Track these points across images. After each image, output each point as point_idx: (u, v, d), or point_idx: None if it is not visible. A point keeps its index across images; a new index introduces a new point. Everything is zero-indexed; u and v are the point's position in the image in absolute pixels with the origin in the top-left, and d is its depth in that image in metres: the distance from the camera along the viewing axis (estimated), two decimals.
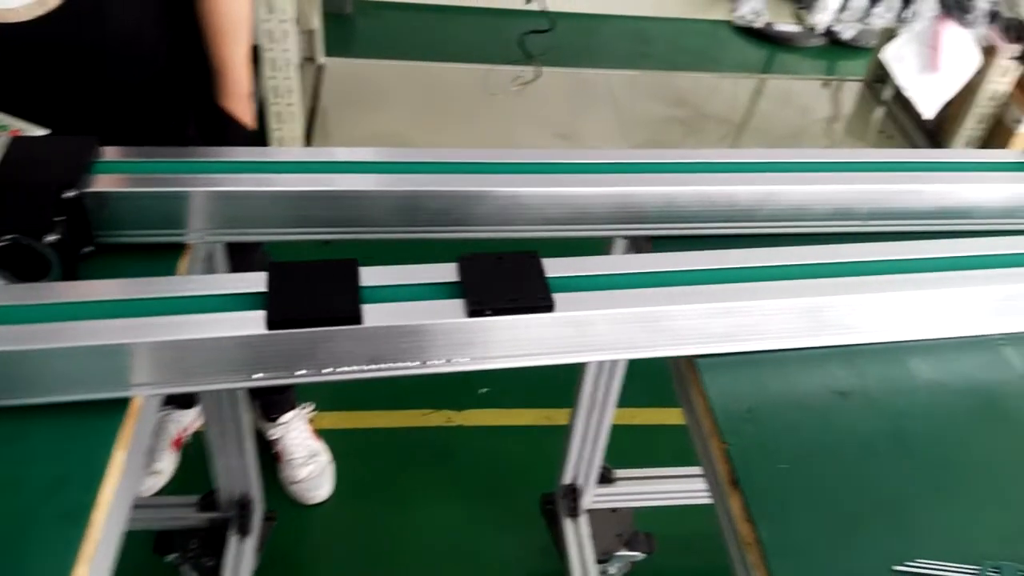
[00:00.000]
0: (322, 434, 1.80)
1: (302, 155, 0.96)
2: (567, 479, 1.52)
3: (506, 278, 0.78)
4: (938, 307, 0.87)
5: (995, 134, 2.58)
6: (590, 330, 0.80)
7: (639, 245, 1.01)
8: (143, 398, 0.77)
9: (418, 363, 0.77)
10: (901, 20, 2.08)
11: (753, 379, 0.85)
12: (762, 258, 0.86)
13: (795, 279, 0.85)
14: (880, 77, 2.84)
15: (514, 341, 0.79)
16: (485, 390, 1.90)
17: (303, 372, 0.76)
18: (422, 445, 1.86)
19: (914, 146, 2.71)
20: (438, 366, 0.78)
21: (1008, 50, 2.10)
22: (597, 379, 1.33)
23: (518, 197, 0.94)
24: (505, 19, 1.73)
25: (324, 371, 0.76)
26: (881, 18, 1.98)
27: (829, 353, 0.88)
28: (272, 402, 1.70)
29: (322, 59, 2.58)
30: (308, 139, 2.18)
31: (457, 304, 0.76)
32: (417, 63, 2.62)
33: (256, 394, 1.65)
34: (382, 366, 0.77)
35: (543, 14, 1.72)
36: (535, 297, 0.77)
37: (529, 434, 1.88)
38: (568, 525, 1.51)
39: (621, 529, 1.53)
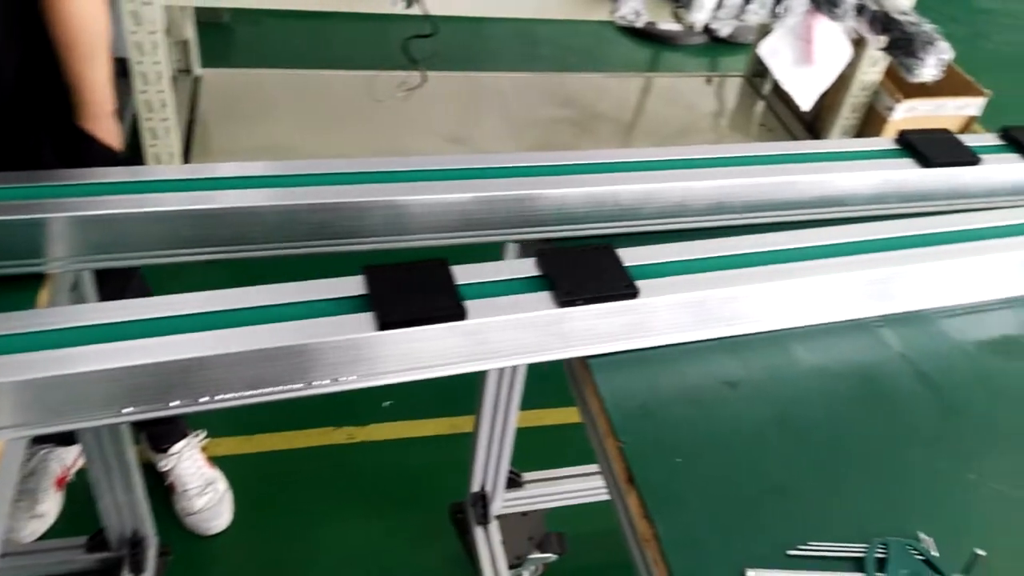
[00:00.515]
0: (218, 461, 1.73)
1: (177, 172, 0.91)
2: (475, 487, 1.50)
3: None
4: (817, 294, 0.90)
5: (869, 122, 2.71)
6: (486, 338, 0.79)
7: (529, 250, 1.01)
8: (3, 442, 0.71)
9: (302, 385, 0.74)
10: (775, 15, 2.14)
11: (646, 376, 0.86)
12: (647, 256, 0.87)
13: (679, 275, 0.85)
14: (759, 72, 2.94)
15: (411, 354, 0.77)
16: (388, 403, 1.87)
17: (177, 403, 0.72)
18: (325, 465, 1.80)
19: (794, 137, 2.82)
20: (325, 386, 0.75)
21: (876, 41, 2.20)
22: (499, 384, 1.32)
23: (407, 206, 0.92)
24: (387, 24, 1.70)
25: (201, 400, 0.72)
26: (756, 14, 2.04)
27: (716, 345, 0.89)
28: (160, 432, 1.63)
29: (198, 70, 2.48)
30: (186, 155, 2.10)
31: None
32: (300, 71, 2.55)
33: (142, 425, 1.57)
34: (264, 390, 0.73)
35: (425, 18, 1.70)
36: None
37: (436, 444, 1.85)
38: (479, 533, 1.50)
39: (532, 532, 1.53)
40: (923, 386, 0.89)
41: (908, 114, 2.60)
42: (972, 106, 2.67)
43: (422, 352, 0.77)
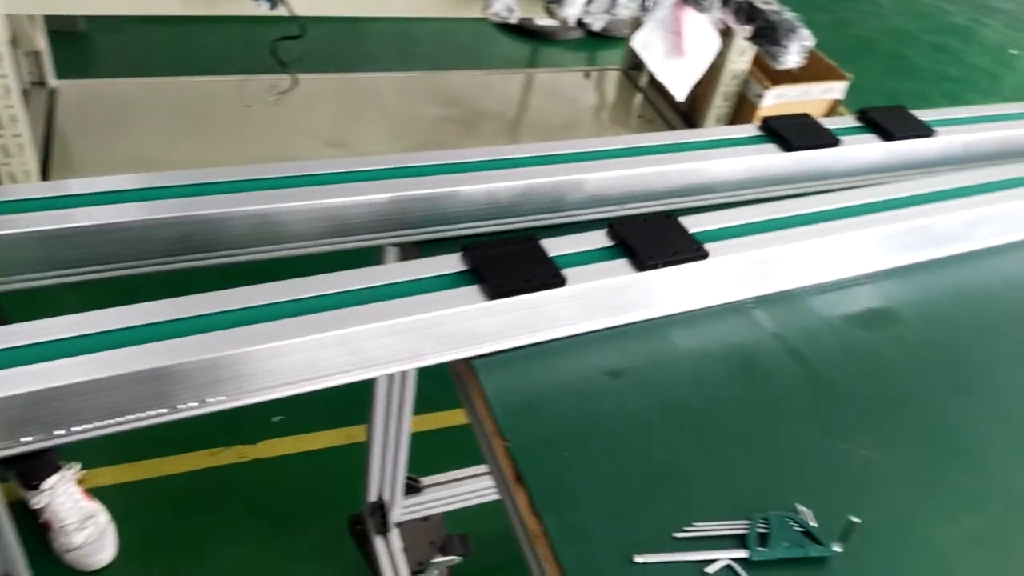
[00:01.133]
0: (98, 492, 1.63)
1: (28, 191, 0.85)
2: (372, 496, 1.47)
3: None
4: (693, 279, 0.92)
5: (741, 110, 2.80)
6: (359, 347, 0.77)
7: (408, 252, 0.99)
8: None
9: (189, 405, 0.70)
10: (644, 9, 2.18)
11: (530, 373, 0.86)
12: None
13: (570, 267, 0.85)
14: (636, 65, 3.00)
15: (279, 370, 0.74)
16: (278, 418, 1.81)
17: (30, 438, 0.67)
18: (216, 487, 1.73)
19: (671, 128, 2.89)
20: (188, 410, 0.71)
21: (742, 31, 2.28)
22: (389, 391, 1.30)
23: (273, 214, 0.89)
24: (252, 27, 1.64)
25: (57, 432, 0.68)
26: (626, 8, 2.08)
27: (599, 336, 0.90)
28: (30, 468, 1.53)
29: (54, 82, 2.33)
30: (45, 172, 1.97)
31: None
32: (164, 79, 2.43)
33: (10, 462, 1.47)
34: (127, 417, 0.69)
35: (292, 19, 1.65)
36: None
37: (331, 456, 1.81)
38: (378, 542, 1.47)
39: (434, 536, 1.51)
40: (795, 362, 0.92)
41: (777, 100, 2.70)
42: (836, 90, 2.80)
43: (294, 366, 0.74)
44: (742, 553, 0.73)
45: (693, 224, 0.93)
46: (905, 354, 0.96)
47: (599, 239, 0.90)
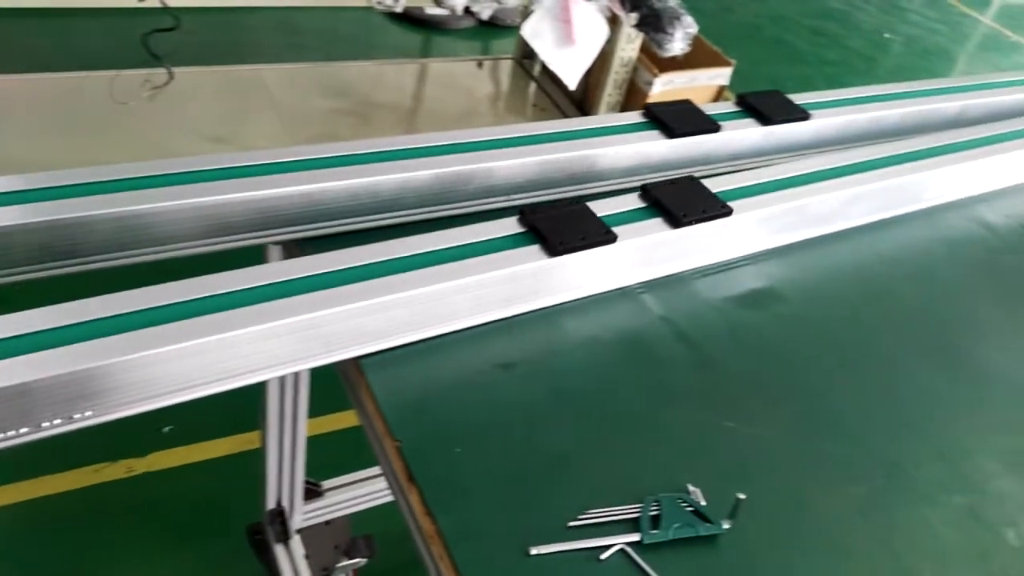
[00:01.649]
0: None
1: None
2: (271, 503, 1.43)
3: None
4: (584, 267, 0.92)
5: (632, 97, 2.85)
6: (238, 351, 0.74)
7: (290, 250, 0.96)
8: None
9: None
10: None
11: (421, 369, 0.84)
12: (409, 247, 0.85)
13: (444, 263, 0.84)
14: (528, 54, 3.01)
15: (150, 381, 0.70)
16: (168, 428, 1.73)
17: None
18: (104, 504, 1.65)
19: (565, 116, 2.91)
20: (52, 428, 0.67)
21: (629, 19, 2.31)
22: (281, 394, 1.26)
23: (145, 215, 0.84)
24: (121, 19, 1.56)
25: None
26: None
27: (490, 329, 0.89)
28: None
29: None
30: None
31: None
32: (26, 75, 2.28)
33: None
34: None
35: (164, 11, 1.57)
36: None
37: (229, 464, 1.75)
38: (279, 551, 1.43)
39: (338, 540, 1.48)
40: (682, 344, 0.93)
41: (666, 87, 2.76)
42: (722, 76, 2.88)
43: (172, 374, 0.70)
44: (635, 537, 0.74)
45: (600, 209, 0.93)
46: (787, 332, 0.99)
47: (510, 226, 0.89)
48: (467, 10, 2.04)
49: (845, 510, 0.81)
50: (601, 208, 0.95)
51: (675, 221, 0.95)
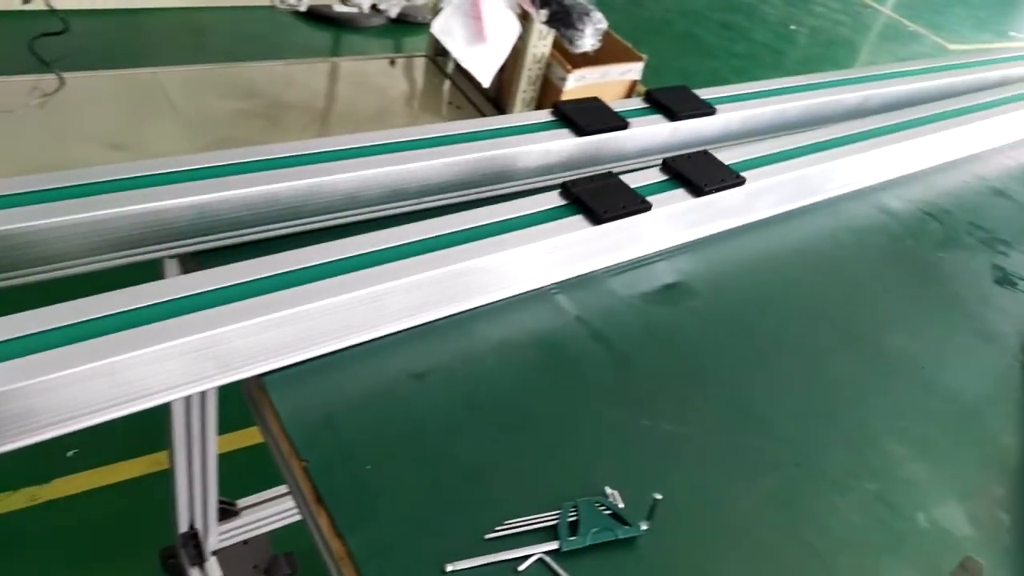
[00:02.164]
0: None
1: None
2: (183, 526, 1.37)
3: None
4: (494, 270, 0.90)
5: (546, 93, 2.85)
6: (129, 375, 0.70)
7: (187, 264, 0.91)
8: None
9: None
10: None
11: (328, 384, 0.81)
12: (312, 256, 0.81)
13: (352, 272, 0.81)
14: (441, 51, 2.98)
15: (33, 412, 0.66)
16: (72, 452, 1.65)
17: None
18: (5, 535, 1.55)
19: (481, 114, 2.90)
20: None
21: (539, 15, 2.30)
22: (187, 413, 1.21)
23: (22, 234, 0.79)
24: (4, 23, 1.47)
25: None
26: None
27: (401, 338, 0.87)
28: None
29: None
30: None
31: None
32: None
33: None
34: None
35: (52, 13, 1.49)
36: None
37: (140, 485, 1.67)
38: (195, 574, 1.37)
39: (257, 559, 1.43)
40: (598, 344, 0.92)
41: (579, 83, 2.77)
42: (634, 71, 2.91)
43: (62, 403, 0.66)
44: (554, 545, 0.72)
45: (491, 215, 0.92)
46: (700, 326, 0.99)
47: (419, 230, 0.87)
48: (375, 7, 1.99)
49: (759, 502, 0.81)
50: (518, 208, 0.93)
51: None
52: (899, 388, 0.99)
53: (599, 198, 0.97)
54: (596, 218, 0.95)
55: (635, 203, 0.99)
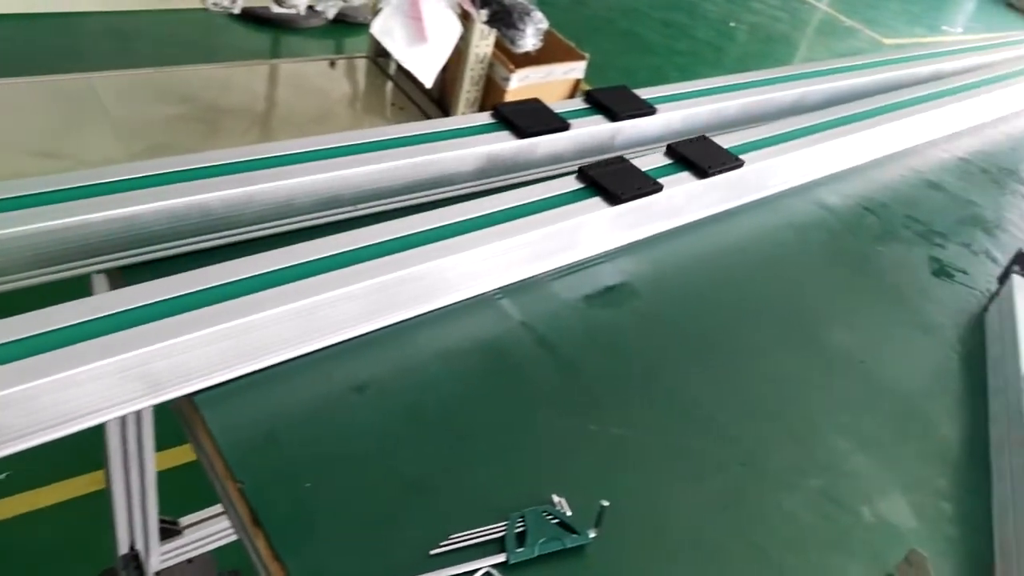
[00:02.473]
0: None
1: None
2: (124, 548, 1.32)
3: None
4: (433, 278, 0.88)
5: (489, 93, 2.84)
6: (46, 400, 0.66)
7: (115, 280, 0.88)
8: None
9: None
10: None
11: (264, 400, 0.78)
12: (244, 269, 0.79)
13: (287, 283, 0.79)
14: (383, 51, 2.94)
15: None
16: (5, 475, 1.58)
17: None
18: None
19: (425, 115, 2.87)
20: None
21: (479, 15, 2.29)
22: (123, 431, 1.16)
23: None
24: None
25: None
26: None
27: (341, 350, 0.84)
28: None
29: None
30: None
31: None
32: None
33: None
34: None
35: None
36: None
37: (76, 508, 1.61)
38: None
39: None
40: (542, 349, 0.91)
41: (522, 83, 2.76)
42: (576, 70, 2.92)
43: None
44: (501, 557, 0.71)
45: (428, 222, 0.90)
46: (644, 327, 0.99)
47: (359, 238, 0.85)
48: (312, 8, 1.96)
49: (707, 503, 0.81)
50: (460, 213, 0.92)
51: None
52: (840, 383, 1.00)
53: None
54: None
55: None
